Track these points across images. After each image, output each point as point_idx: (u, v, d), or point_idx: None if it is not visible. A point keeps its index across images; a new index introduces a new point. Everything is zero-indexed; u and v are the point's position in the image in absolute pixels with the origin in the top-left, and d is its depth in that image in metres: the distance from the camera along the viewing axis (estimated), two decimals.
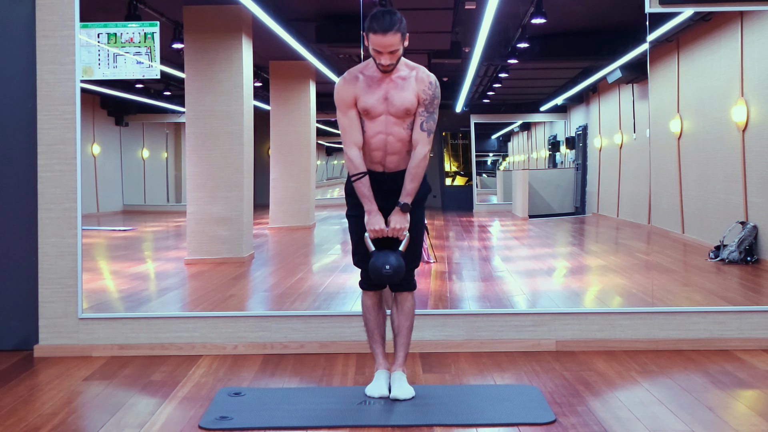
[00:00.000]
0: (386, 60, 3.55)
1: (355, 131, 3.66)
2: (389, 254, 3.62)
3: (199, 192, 7.79)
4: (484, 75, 11.40)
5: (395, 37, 3.50)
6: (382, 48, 3.52)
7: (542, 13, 7.86)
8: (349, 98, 3.66)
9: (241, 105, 7.75)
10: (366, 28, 3.55)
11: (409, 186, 3.66)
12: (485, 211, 13.31)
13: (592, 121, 11.85)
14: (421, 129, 3.65)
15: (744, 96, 7.49)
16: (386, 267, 3.58)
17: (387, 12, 3.56)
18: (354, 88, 3.66)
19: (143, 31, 4.83)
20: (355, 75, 3.68)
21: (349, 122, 3.67)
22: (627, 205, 10.26)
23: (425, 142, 3.65)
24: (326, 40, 8.79)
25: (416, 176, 3.65)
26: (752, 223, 7.17)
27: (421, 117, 3.65)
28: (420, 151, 3.65)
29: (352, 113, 3.67)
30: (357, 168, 3.65)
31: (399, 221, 3.66)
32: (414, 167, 3.65)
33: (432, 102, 3.64)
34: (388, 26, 3.49)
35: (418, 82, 3.64)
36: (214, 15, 7.88)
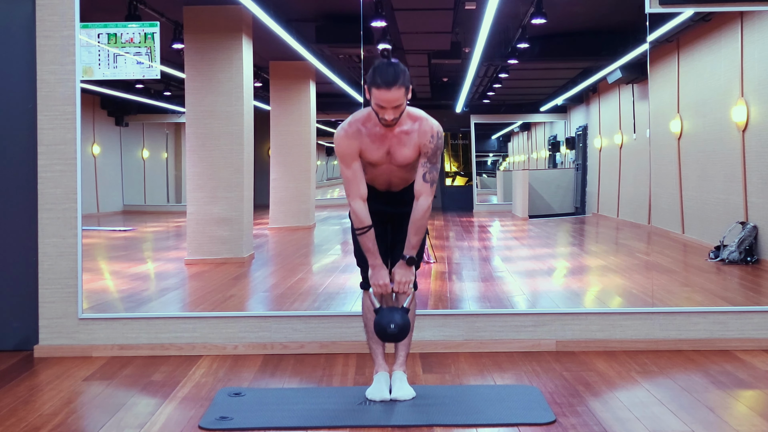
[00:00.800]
0: (390, 115, 3.43)
1: (359, 184, 3.58)
2: (394, 312, 3.58)
3: (200, 192, 7.79)
4: (484, 75, 11.41)
5: (399, 91, 3.38)
6: (385, 103, 3.39)
7: (542, 14, 7.86)
8: (353, 152, 3.57)
9: (241, 105, 7.75)
10: (368, 82, 3.41)
11: (413, 239, 3.60)
12: (485, 211, 13.32)
13: (592, 121, 11.85)
14: (423, 180, 3.57)
15: (744, 96, 7.49)
16: (391, 326, 3.54)
17: (390, 65, 3.41)
18: (357, 143, 3.56)
19: (143, 32, 4.83)
20: (357, 129, 3.56)
21: (352, 174, 3.58)
22: (627, 205, 10.26)
23: (428, 193, 3.57)
24: (326, 40, 8.79)
25: (420, 228, 3.60)
26: (752, 224, 7.17)
27: (423, 168, 3.56)
28: (423, 202, 3.57)
29: (356, 165, 3.58)
30: (361, 222, 3.59)
31: (404, 275, 3.62)
32: (418, 219, 3.58)
33: (435, 153, 3.55)
34: (392, 81, 3.36)
35: (421, 135, 3.54)
36: (214, 15, 7.88)
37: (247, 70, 7.87)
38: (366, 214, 3.59)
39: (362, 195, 3.59)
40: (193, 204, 7.81)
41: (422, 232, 3.63)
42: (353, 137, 3.56)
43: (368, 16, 7.45)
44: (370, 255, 3.62)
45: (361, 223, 3.59)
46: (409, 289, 3.66)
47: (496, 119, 13.91)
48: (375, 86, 3.38)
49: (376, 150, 3.57)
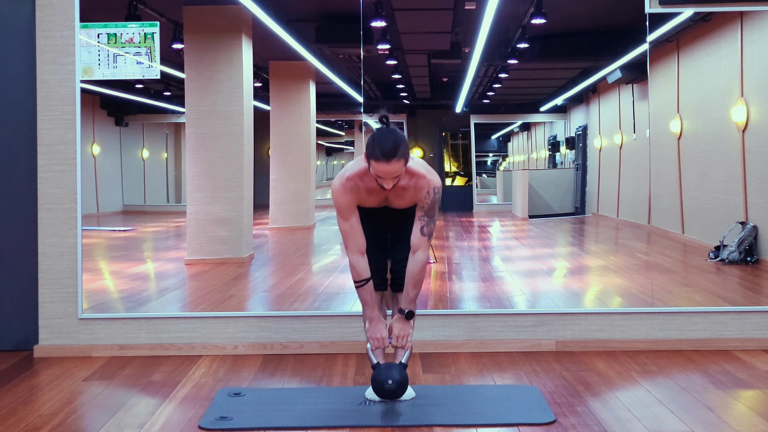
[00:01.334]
0: (389, 184, 3.41)
1: (356, 237, 3.58)
2: (392, 368, 3.58)
3: (199, 192, 7.79)
4: (484, 75, 11.40)
5: (399, 163, 3.34)
6: (384, 175, 3.37)
7: (542, 14, 7.86)
8: (351, 207, 3.56)
9: (241, 105, 7.75)
10: (368, 153, 3.37)
11: (412, 293, 3.60)
12: (485, 211, 13.31)
13: (592, 121, 11.85)
14: (421, 233, 3.57)
15: (744, 96, 7.49)
16: (389, 382, 3.54)
17: (389, 134, 3.37)
18: (355, 197, 3.56)
19: (143, 32, 4.83)
20: (354, 184, 3.55)
21: (350, 228, 3.58)
22: (627, 205, 10.26)
23: (426, 247, 3.57)
24: (326, 40, 8.79)
25: (418, 282, 3.59)
26: (752, 224, 7.17)
27: (420, 221, 3.56)
28: (420, 256, 3.57)
29: (354, 219, 3.57)
30: (359, 275, 3.59)
31: (402, 328, 3.63)
32: (417, 273, 3.57)
33: (431, 208, 3.54)
34: (391, 154, 3.32)
35: (417, 191, 3.53)
36: (214, 15, 7.88)
37: (247, 70, 7.87)
38: (364, 267, 3.58)
39: (360, 249, 3.58)
40: (193, 204, 7.81)
41: (420, 286, 3.61)
42: (351, 192, 3.54)
43: (368, 16, 7.45)
44: (367, 308, 3.62)
45: (358, 276, 3.59)
46: (407, 343, 3.65)
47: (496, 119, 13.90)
48: (374, 158, 3.34)
49: (373, 200, 3.58)
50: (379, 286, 3.80)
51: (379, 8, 7.44)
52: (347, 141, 13.24)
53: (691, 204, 8.50)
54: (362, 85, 9.06)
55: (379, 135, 3.37)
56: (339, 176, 3.57)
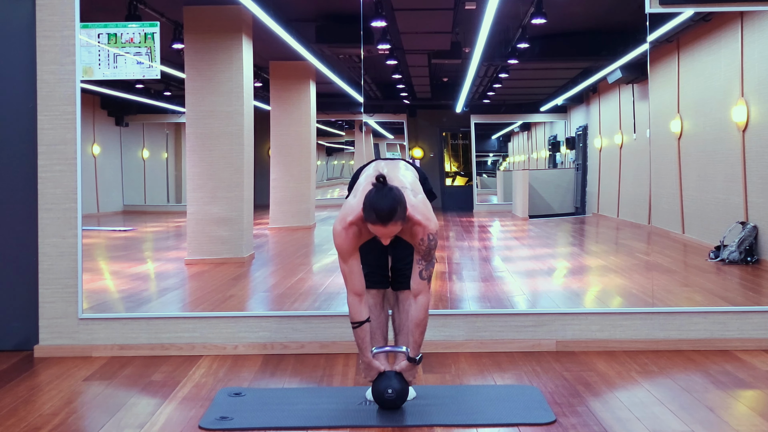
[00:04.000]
0: (386, 241, 3.41)
1: (356, 280, 3.56)
2: (392, 377, 3.56)
3: (200, 192, 7.79)
4: (485, 75, 11.41)
5: (395, 226, 3.32)
6: (381, 236, 3.37)
7: (542, 14, 7.86)
8: (351, 250, 3.53)
9: (241, 105, 7.75)
10: (365, 216, 3.33)
11: (418, 339, 3.58)
12: (485, 211, 13.32)
13: (593, 121, 11.85)
14: (420, 278, 3.54)
15: (744, 96, 7.49)
16: (389, 391, 3.52)
17: (385, 197, 3.30)
18: (355, 241, 3.53)
19: (143, 32, 4.83)
20: (357, 230, 3.50)
21: (349, 270, 3.55)
22: (627, 205, 10.26)
23: (426, 291, 3.55)
24: (326, 40, 8.79)
25: (423, 328, 3.58)
26: (752, 224, 7.17)
27: (419, 266, 3.53)
28: (422, 301, 3.54)
29: (353, 262, 3.55)
30: (354, 317, 3.59)
31: (410, 374, 3.64)
32: (421, 319, 3.55)
33: (428, 253, 3.50)
34: (387, 218, 3.29)
35: (413, 235, 3.49)
36: (214, 15, 7.88)
37: (247, 70, 7.87)
38: (360, 309, 3.58)
39: (357, 291, 3.57)
40: (193, 204, 7.81)
41: (424, 330, 3.59)
42: (352, 236, 3.51)
43: (368, 16, 7.45)
44: (361, 352, 3.60)
45: (353, 318, 3.59)
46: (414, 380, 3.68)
47: (496, 119, 13.90)
48: (370, 222, 3.32)
49: (373, 241, 3.57)
50: (380, 284, 3.79)
51: (379, 8, 7.44)
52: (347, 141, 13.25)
53: (692, 204, 8.50)
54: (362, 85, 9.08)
55: (376, 198, 3.31)
56: (340, 218, 3.52)
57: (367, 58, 9.23)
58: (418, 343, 3.59)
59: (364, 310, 3.59)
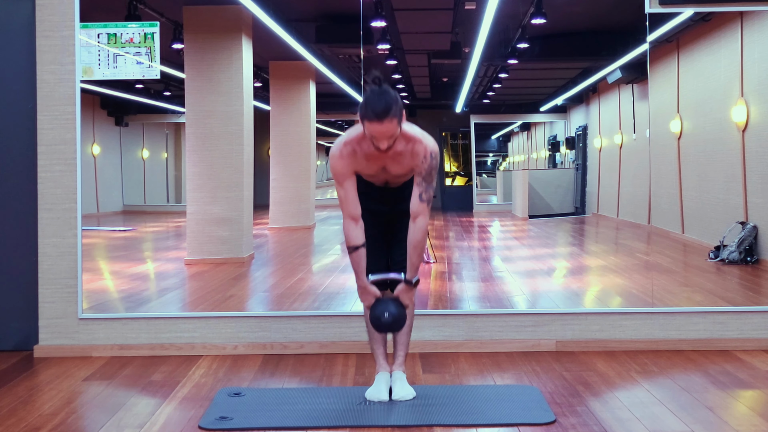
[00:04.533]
0: (384, 145, 3.40)
1: (351, 204, 3.58)
2: (389, 302, 3.58)
3: (199, 192, 7.79)
4: (484, 75, 11.41)
5: (391, 123, 3.34)
6: (378, 135, 3.37)
7: (542, 14, 7.86)
8: (347, 173, 3.57)
9: (241, 105, 7.75)
10: (360, 114, 3.37)
11: (415, 260, 3.60)
12: (485, 211, 13.32)
13: (592, 121, 11.85)
14: (420, 200, 3.57)
15: (744, 96, 7.49)
16: (385, 314, 3.54)
17: (381, 94, 3.35)
18: (351, 163, 3.56)
19: (143, 32, 4.83)
20: (352, 149, 3.54)
21: (345, 194, 3.58)
22: (627, 205, 10.26)
23: (425, 213, 3.57)
24: (326, 40, 8.79)
25: (420, 248, 3.60)
26: (752, 224, 7.17)
27: (419, 187, 3.56)
28: (420, 223, 3.57)
29: (349, 186, 3.58)
30: (351, 241, 3.60)
31: (407, 297, 3.65)
32: (418, 241, 3.58)
33: (429, 174, 3.54)
34: (383, 113, 3.31)
35: (414, 156, 3.52)
36: (214, 15, 7.88)
37: (247, 70, 7.87)
38: (356, 234, 3.59)
39: (354, 215, 3.58)
40: (193, 204, 7.81)
41: (422, 253, 3.62)
42: (348, 158, 3.54)
43: (368, 16, 7.45)
44: (357, 276, 3.63)
45: (350, 242, 3.60)
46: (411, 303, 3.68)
47: (496, 119, 13.91)
48: (367, 119, 3.34)
49: (370, 166, 3.58)
50: (380, 286, 3.79)
51: (379, 8, 7.44)
52: None
53: (691, 204, 8.50)
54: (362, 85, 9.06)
55: (371, 95, 3.35)
56: (337, 142, 3.58)
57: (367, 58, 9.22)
58: (414, 265, 3.61)
59: (360, 234, 3.61)
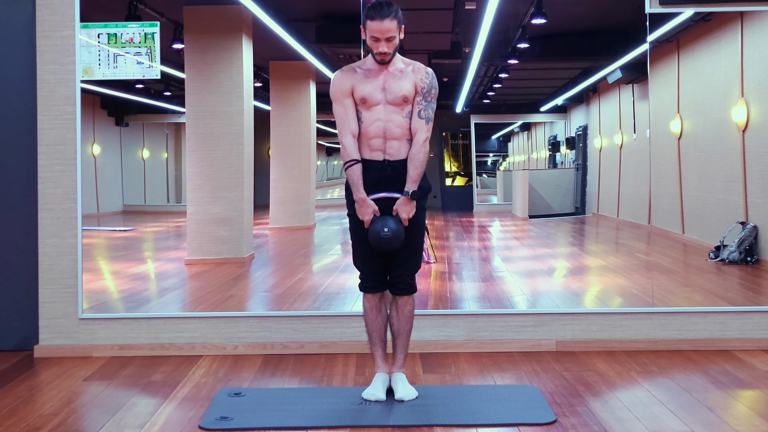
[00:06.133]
0: (384, 47, 3.60)
1: (350, 119, 3.71)
2: (388, 218, 3.65)
3: (200, 192, 7.79)
4: (484, 75, 11.40)
5: (392, 23, 3.57)
6: (379, 34, 3.57)
7: (542, 14, 7.86)
8: (346, 88, 3.70)
9: (241, 105, 7.75)
10: (364, 18, 3.61)
11: (413, 172, 3.69)
12: (485, 211, 13.31)
13: (593, 121, 11.85)
14: (419, 116, 3.69)
15: (744, 96, 7.49)
16: (385, 230, 3.61)
17: (384, 2, 3.62)
18: (351, 79, 3.71)
19: (143, 32, 4.83)
20: (352, 68, 3.74)
21: (344, 110, 3.72)
22: (627, 205, 10.26)
23: (424, 129, 3.70)
24: (326, 40, 8.79)
25: (418, 161, 3.69)
26: (752, 224, 7.17)
27: (419, 105, 3.70)
28: (419, 137, 3.69)
29: (348, 102, 3.71)
30: (350, 155, 3.70)
31: (407, 210, 3.69)
32: (415, 153, 3.68)
33: (429, 91, 3.70)
34: (386, 13, 3.56)
35: (416, 72, 3.70)
36: (214, 15, 7.88)
37: (247, 70, 7.87)
38: (354, 149, 3.70)
39: (353, 131, 3.71)
40: (193, 204, 7.81)
41: (421, 166, 3.70)
42: (347, 74, 3.72)
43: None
44: (355, 188, 3.71)
45: (349, 156, 3.70)
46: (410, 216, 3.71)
47: (496, 119, 13.90)
48: (369, 18, 3.57)
49: (370, 85, 3.69)
50: (377, 288, 3.78)
51: None
52: None
53: (691, 204, 8.50)
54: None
55: (375, 2, 3.62)
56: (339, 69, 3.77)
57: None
58: (412, 177, 3.68)
59: (357, 150, 3.71)
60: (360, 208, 3.69)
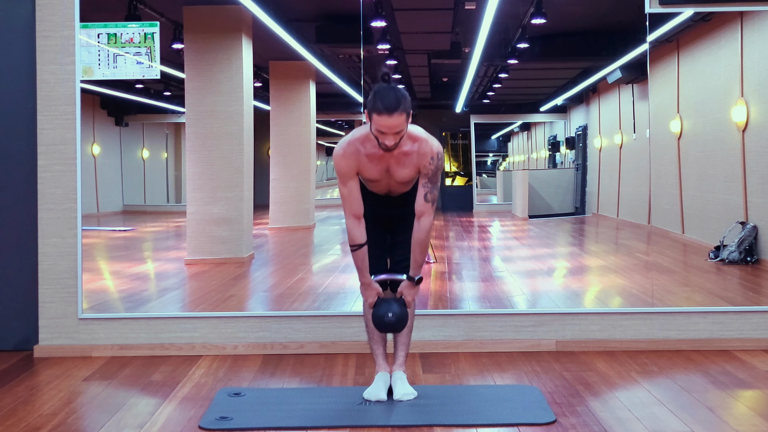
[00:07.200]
0: (390, 141, 3.40)
1: (354, 202, 3.58)
2: (392, 302, 3.60)
3: (199, 192, 7.79)
4: (484, 75, 11.41)
5: (401, 117, 3.35)
6: (386, 129, 3.36)
7: (542, 14, 7.86)
8: (350, 172, 3.56)
9: (241, 105, 7.75)
10: (369, 107, 3.38)
11: (419, 258, 3.61)
12: (485, 211, 13.32)
13: (592, 121, 11.85)
14: (425, 200, 3.57)
15: (744, 96, 7.49)
16: (389, 314, 3.56)
17: (391, 89, 3.38)
18: (355, 162, 3.55)
19: (143, 32, 4.83)
20: (355, 149, 3.54)
21: (348, 192, 3.57)
22: (627, 205, 10.26)
23: (430, 212, 3.58)
24: (326, 40, 8.80)
25: (424, 247, 3.61)
26: (752, 224, 7.17)
27: (424, 188, 3.56)
28: (425, 222, 3.57)
29: (353, 184, 3.57)
30: (354, 240, 3.60)
31: (410, 294, 3.66)
32: (422, 238, 3.58)
33: (435, 174, 3.54)
34: (394, 107, 3.33)
35: (420, 156, 3.52)
36: (214, 15, 7.88)
37: (247, 70, 7.87)
38: (359, 232, 3.59)
39: (356, 213, 3.59)
40: (193, 204, 7.81)
41: (426, 251, 3.63)
42: (351, 156, 3.54)
43: (368, 16, 7.45)
44: (360, 273, 3.64)
45: (353, 241, 3.61)
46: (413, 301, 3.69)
47: (496, 119, 13.91)
48: (376, 112, 3.34)
49: (374, 168, 3.57)
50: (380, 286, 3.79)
51: (379, 8, 7.44)
52: None
53: (691, 204, 8.50)
54: (362, 85, 9.05)
55: (381, 90, 3.38)
56: (341, 141, 3.58)
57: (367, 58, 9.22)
58: (418, 263, 3.62)
59: (362, 233, 3.61)
60: (364, 290, 3.65)
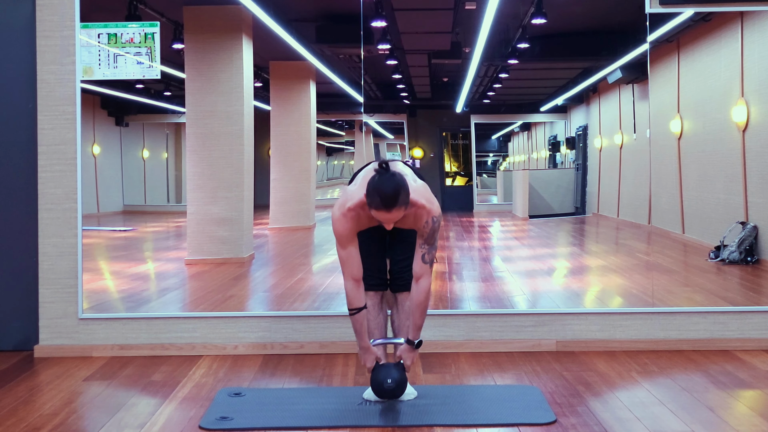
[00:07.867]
0: (389, 226, 3.41)
1: (353, 264, 3.56)
2: (391, 368, 3.59)
3: (200, 192, 7.79)
4: (485, 75, 11.41)
5: (399, 211, 3.33)
6: (385, 221, 3.37)
7: (542, 14, 7.86)
8: (350, 235, 3.54)
9: (241, 105, 7.75)
10: (368, 201, 3.33)
11: (419, 321, 3.61)
12: (485, 211, 13.32)
13: (593, 121, 11.85)
14: (423, 262, 3.54)
15: (744, 96, 7.49)
16: (388, 381, 3.55)
17: (389, 181, 3.31)
18: (354, 227, 3.53)
19: (143, 32, 4.83)
20: (355, 213, 3.50)
21: (347, 256, 3.55)
22: (627, 205, 10.26)
23: (428, 274, 3.56)
24: (326, 40, 8.80)
25: (424, 310, 3.59)
26: (752, 224, 7.17)
27: (422, 249, 3.53)
28: (424, 284, 3.55)
29: (351, 248, 3.55)
30: (352, 303, 3.59)
31: (410, 357, 3.66)
32: (422, 301, 3.57)
33: (431, 236, 3.51)
34: (392, 203, 3.29)
35: (417, 220, 3.50)
36: (214, 15, 7.88)
37: (247, 70, 7.87)
38: (357, 296, 3.58)
39: (356, 276, 3.57)
40: (193, 204, 7.81)
41: (424, 312, 3.61)
42: (351, 221, 3.52)
43: (368, 16, 7.45)
44: (359, 337, 3.62)
45: (351, 305, 3.60)
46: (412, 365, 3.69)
47: (496, 119, 13.92)
48: (374, 207, 3.32)
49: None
50: (379, 286, 3.80)
51: (379, 8, 7.44)
52: (347, 141, 13.25)
53: (692, 204, 8.50)
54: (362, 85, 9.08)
55: (380, 182, 3.31)
56: (340, 205, 3.53)
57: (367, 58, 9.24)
58: (418, 326, 3.61)
59: (361, 297, 3.60)
60: (363, 354, 3.64)
